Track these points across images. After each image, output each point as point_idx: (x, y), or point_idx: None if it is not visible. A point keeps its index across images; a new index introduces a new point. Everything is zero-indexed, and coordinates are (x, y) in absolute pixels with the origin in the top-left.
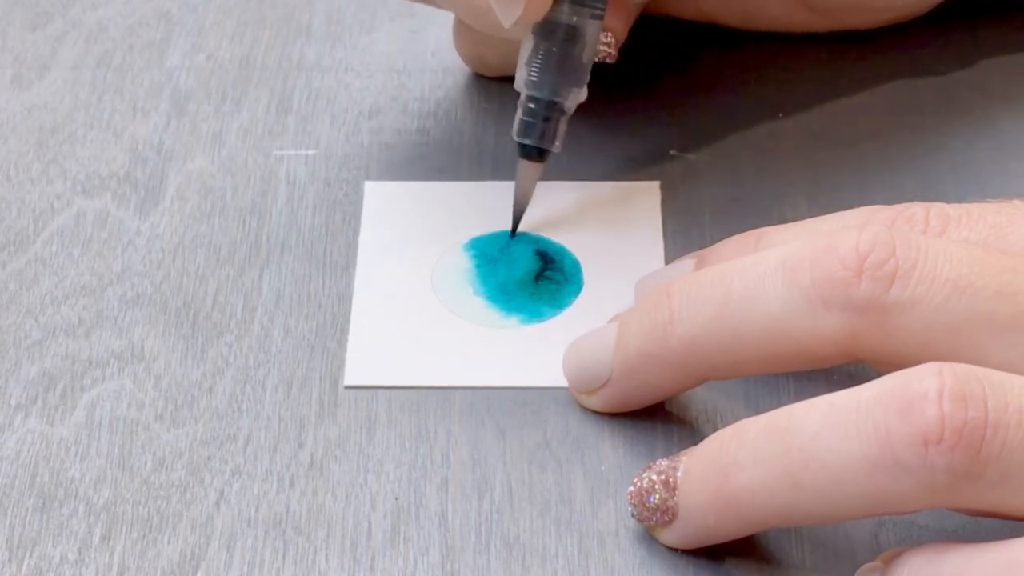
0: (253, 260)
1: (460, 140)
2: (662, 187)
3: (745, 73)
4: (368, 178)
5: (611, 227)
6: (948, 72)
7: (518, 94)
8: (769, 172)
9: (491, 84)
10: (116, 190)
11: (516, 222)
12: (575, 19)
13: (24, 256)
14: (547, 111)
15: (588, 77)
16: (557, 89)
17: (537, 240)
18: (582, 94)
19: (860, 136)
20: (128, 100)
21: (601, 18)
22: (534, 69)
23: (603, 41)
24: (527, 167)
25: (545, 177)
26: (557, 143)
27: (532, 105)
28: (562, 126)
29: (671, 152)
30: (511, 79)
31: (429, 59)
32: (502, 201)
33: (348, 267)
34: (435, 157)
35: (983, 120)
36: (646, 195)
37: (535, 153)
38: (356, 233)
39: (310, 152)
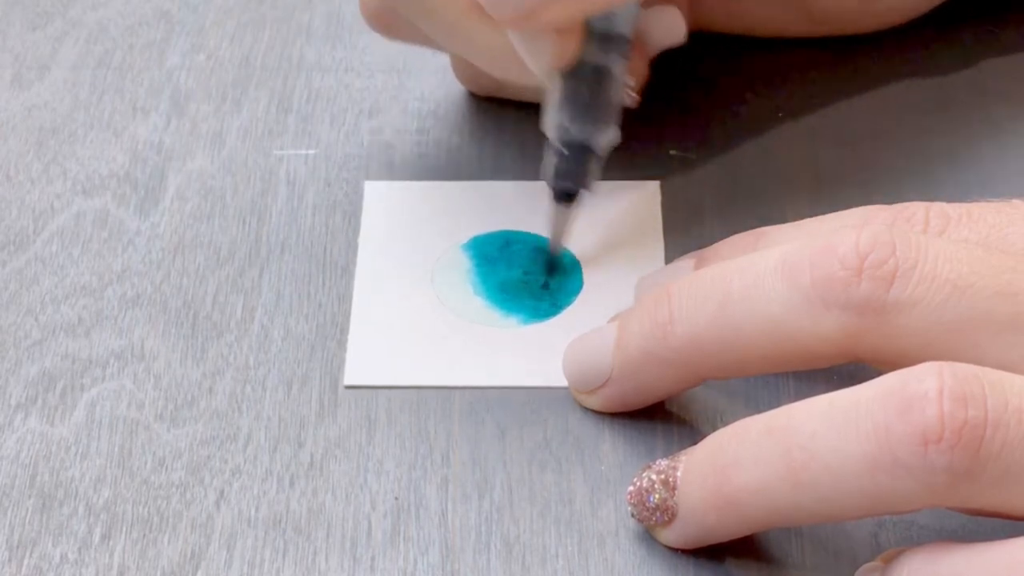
0: (253, 260)
1: (460, 140)
2: (662, 187)
3: (745, 73)
4: (368, 178)
5: (611, 227)
6: (948, 72)
7: (545, 136)
8: (769, 172)
9: None
10: (116, 190)
11: (551, 267)
12: (602, 59)
13: (24, 256)
14: (580, 154)
15: (618, 117)
16: (589, 132)
17: (537, 240)
18: (614, 134)
19: (860, 136)
20: (128, 100)
21: (627, 58)
22: (565, 112)
23: (627, 85)
24: (561, 211)
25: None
26: (591, 185)
27: (564, 149)
28: (594, 167)
29: (671, 152)
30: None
31: (429, 59)
32: (502, 201)
33: (348, 267)
34: (435, 157)
35: (983, 120)
36: (646, 195)
37: (567, 197)
38: (356, 233)
39: (310, 152)
